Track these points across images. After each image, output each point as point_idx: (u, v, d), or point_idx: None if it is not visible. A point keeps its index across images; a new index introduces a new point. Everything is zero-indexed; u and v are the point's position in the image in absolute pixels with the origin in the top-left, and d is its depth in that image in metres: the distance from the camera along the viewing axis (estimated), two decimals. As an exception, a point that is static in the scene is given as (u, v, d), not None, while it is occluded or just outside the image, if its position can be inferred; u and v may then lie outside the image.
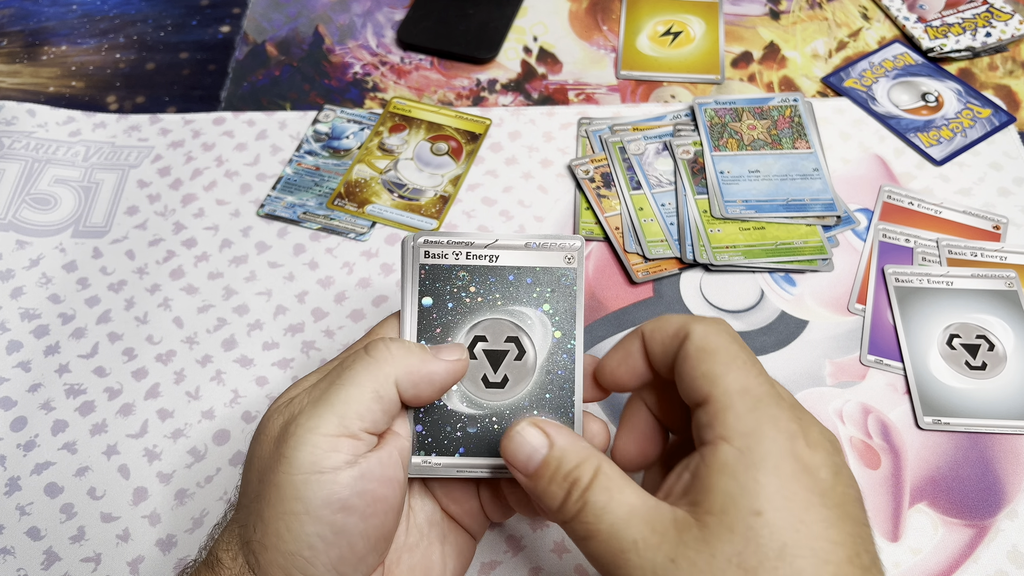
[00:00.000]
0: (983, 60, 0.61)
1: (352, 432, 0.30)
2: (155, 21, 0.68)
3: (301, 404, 0.31)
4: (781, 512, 0.26)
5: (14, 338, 0.50)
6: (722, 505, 0.26)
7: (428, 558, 0.35)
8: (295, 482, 0.29)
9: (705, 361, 0.29)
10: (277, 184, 0.56)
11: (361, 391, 0.30)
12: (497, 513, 0.36)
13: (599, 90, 0.61)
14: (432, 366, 0.32)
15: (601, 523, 0.28)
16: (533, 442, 0.30)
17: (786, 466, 0.26)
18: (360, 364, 0.31)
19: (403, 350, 0.32)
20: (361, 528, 0.30)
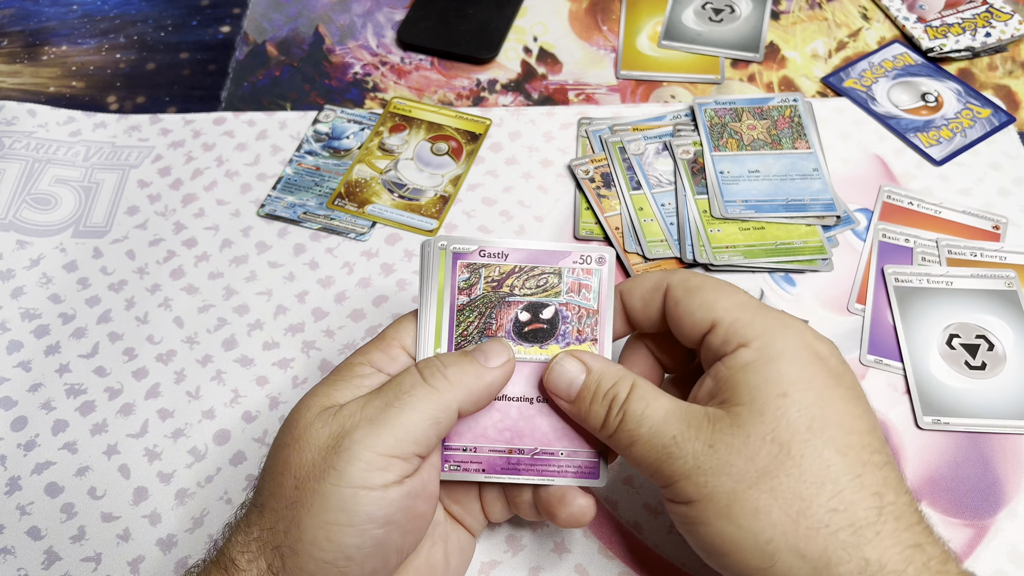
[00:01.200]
0: (983, 60, 0.61)
1: (405, 455, 0.30)
2: (155, 21, 0.68)
3: (353, 419, 0.31)
4: (805, 392, 0.29)
5: (14, 338, 0.50)
6: (750, 395, 0.29)
7: (432, 557, 0.35)
8: (343, 494, 0.29)
9: (696, 296, 0.32)
10: (277, 184, 0.56)
11: (422, 417, 0.31)
12: (497, 514, 0.37)
13: (599, 90, 0.61)
14: (488, 378, 0.33)
15: (641, 428, 0.30)
16: (571, 370, 0.33)
17: (802, 355, 0.30)
18: (420, 392, 0.31)
19: (459, 373, 0.32)
20: (399, 543, 0.31)
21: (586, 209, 0.53)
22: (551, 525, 0.42)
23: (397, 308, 0.50)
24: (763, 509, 0.28)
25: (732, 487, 0.28)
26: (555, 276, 0.35)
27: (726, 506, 0.28)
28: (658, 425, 0.30)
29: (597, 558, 0.41)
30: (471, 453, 0.35)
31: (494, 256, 0.35)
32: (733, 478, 0.28)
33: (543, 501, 0.34)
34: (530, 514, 0.36)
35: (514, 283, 0.35)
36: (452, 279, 0.35)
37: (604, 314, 0.35)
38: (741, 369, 0.30)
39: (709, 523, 0.29)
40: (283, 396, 0.47)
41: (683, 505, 0.30)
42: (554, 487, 0.34)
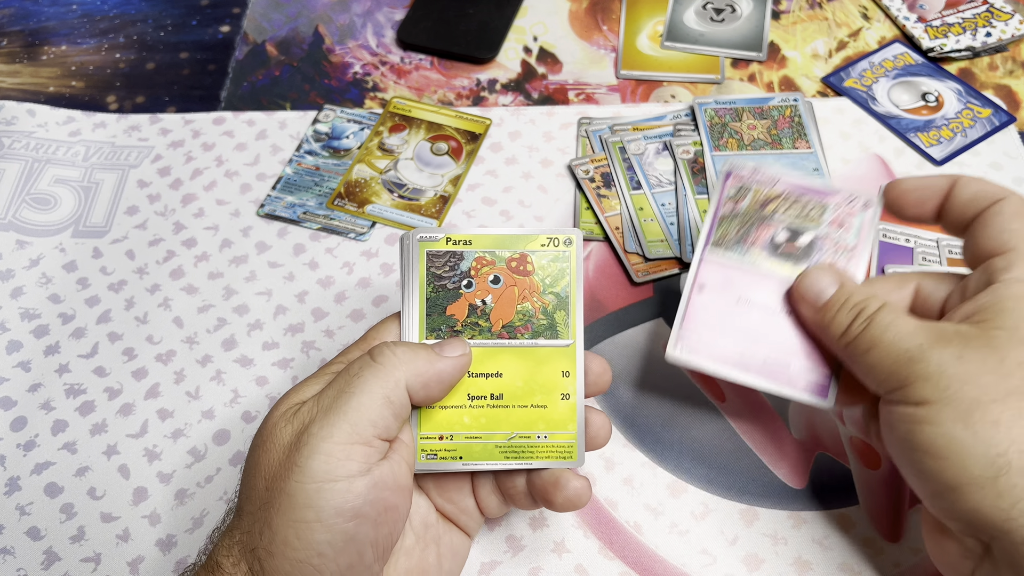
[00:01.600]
0: (983, 60, 0.61)
1: (365, 439, 0.30)
2: (155, 21, 0.68)
3: (311, 413, 0.31)
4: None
5: (14, 338, 0.50)
6: (1015, 322, 0.29)
7: (424, 560, 0.35)
8: (307, 490, 0.29)
9: (1019, 221, 0.32)
10: (277, 184, 0.56)
11: (371, 397, 0.31)
12: (493, 508, 0.37)
13: (599, 90, 0.61)
14: (440, 364, 0.33)
15: (886, 333, 0.31)
16: (824, 280, 0.35)
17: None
18: (368, 371, 0.31)
19: (409, 353, 0.32)
20: (372, 536, 0.31)
21: (586, 209, 0.53)
22: (550, 524, 0.42)
23: (397, 308, 0.50)
24: (1004, 423, 0.28)
25: (977, 396, 0.28)
26: (819, 209, 0.37)
27: (966, 411, 0.28)
28: (904, 334, 0.31)
29: (597, 558, 0.41)
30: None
31: (764, 182, 0.37)
32: (980, 388, 0.28)
33: (538, 487, 0.34)
34: (526, 504, 0.36)
35: (779, 206, 0.37)
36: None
37: (861, 253, 0.36)
38: (1011, 298, 0.30)
39: (939, 424, 0.29)
40: (283, 396, 0.47)
41: (912, 406, 0.29)
42: (547, 471, 0.34)
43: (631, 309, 0.49)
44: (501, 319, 0.35)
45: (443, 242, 0.35)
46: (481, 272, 0.35)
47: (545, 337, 0.35)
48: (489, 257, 0.35)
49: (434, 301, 0.35)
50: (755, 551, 0.40)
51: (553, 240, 0.35)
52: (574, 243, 0.35)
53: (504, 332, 0.35)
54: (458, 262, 0.35)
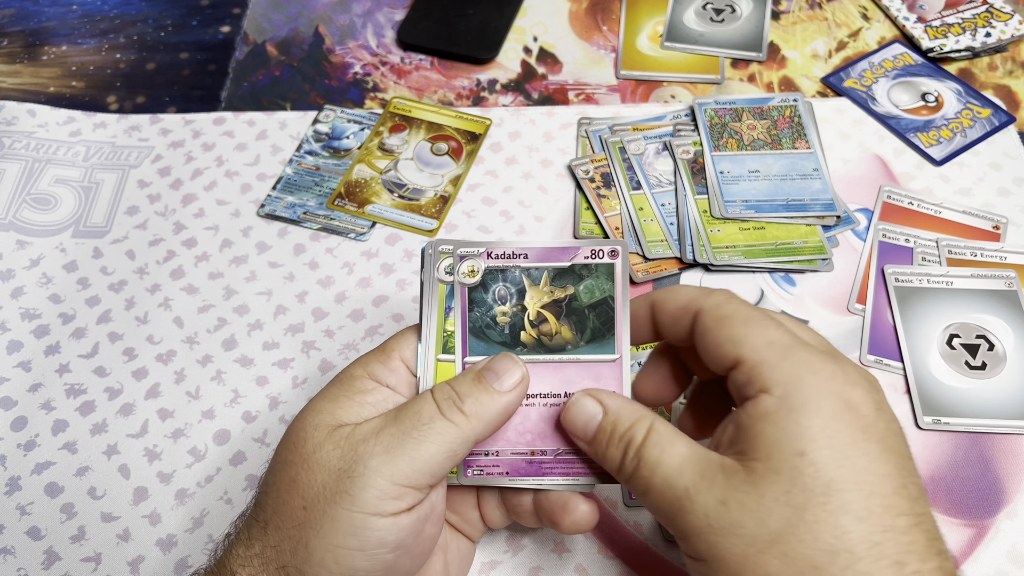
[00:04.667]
0: (983, 60, 0.61)
1: (420, 486, 0.30)
2: (155, 21, 0.68)
3: (368, 445, 0.30)
4: (825, 450, 0.26)
5: (14, 338, 0.50)
6: (767, 451, 0.27)
7: (432, 567, 0.35)
8: (355, 519, 0.29)
9: (725, 328, 0.30)
10: (277, 184, 0.56)
11: (439, 451, 0.30)
12: (497, 521, 0.37)
13: (599, 90, 0.61)
14: (503, 403, 0.32)
15: (655, 476, 0.29)
16: (589, 410, 0.32)
17: (827, 405, 0.27)
18: (439, 426, 0.31)
19: (475, 405, 0.32)
20: (408, 566, 0.31)
21: (586, 209, 0.53)
22: (551, 525, 0.42)
23: (397, 308, 0.50)
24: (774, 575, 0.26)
25: (743, 550, 0.27)
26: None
27: (736, 569, 0.27)
28: (672, 475, 0.29)
29: (597, 558, 0.41)
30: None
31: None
32: (744, 540, 0.27)
33: (544, 508, 0.34)
34: (531, 521, 0.35)
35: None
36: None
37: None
38: (760, 419, 0.28)
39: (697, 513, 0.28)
40: (283, 396, 0.47)
41: (696, 561, 0.28)
42: (555, 493, 0.34)
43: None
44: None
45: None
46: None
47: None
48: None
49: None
50: (755, 551, 0.40)
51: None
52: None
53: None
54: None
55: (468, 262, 0.34)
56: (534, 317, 0.34)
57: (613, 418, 0.31)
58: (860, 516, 0.26)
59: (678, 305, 0.32)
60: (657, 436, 0.30)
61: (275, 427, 0.46)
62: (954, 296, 0.48)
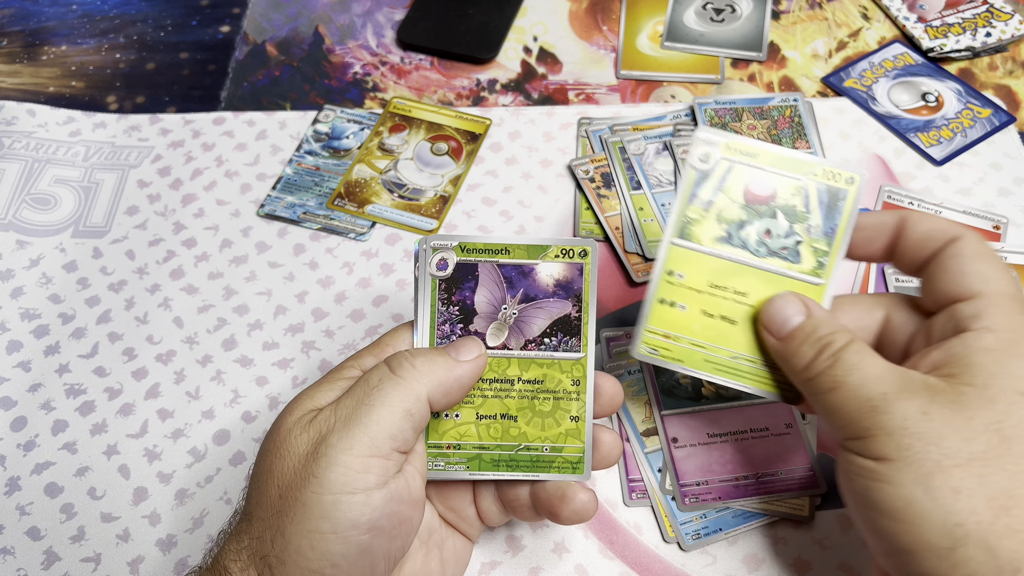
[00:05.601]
0: (983, 60, 0.61)
1: (384, 453, 0.30)
2: (155, 21, 0.68)
3: (329, 422, 0.31)
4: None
5: (14, 338, 0.50)
6: (985, 380, 0.28)
7: (428, 565, 0.35)
8: (324, 502, 0.29)
9: (980, 263, 0.31)
10: (277, 184, 0.56)
11: (392, 411, 0.30)
12: (494, 518, 0.37)
13: (599, 90, 0.61)
14: (458, 371, 0.32)
15: (851, 375, 0.29)
16: (791, 308, 0.33)
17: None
18: (388, 383, 0.31)
19: (428, 363, 0.32)
20: (385, 549, 0.31)
21: (586, 209, 0.53)
22: (551, 525, 0.42)
23: (397, 308, 0.50)
24: (965, 491, 0.26)
25: (938, 459, 0.27)
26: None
27: (927, 474, 0.27)
28: (870, 378, 0.29)
29: (597, 558, 0.41)
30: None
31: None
32: (942, 450, 0.27)
33: (543, 501, 0.34)
34: (528, 515, 0.36)
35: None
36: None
37: None
38: (982, 351, 0.28)
39: (899, 485, 0.27)
40: (283, 396, 0.47)
41: (872, 460, 0.28)
42: (552, 483, 0.34)
43: (631, 309, 0.49)
44: None
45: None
46: None
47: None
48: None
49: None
50: (755, 551, 0.40)
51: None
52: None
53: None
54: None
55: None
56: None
57: (816, 322, 0.32)
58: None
59: (935, 226, 0.32)
60: (859, 346, 0.30)
61: (275, 427, 0.46)
62: (954, 296, 0.48)
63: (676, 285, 0.35)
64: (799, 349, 0.32)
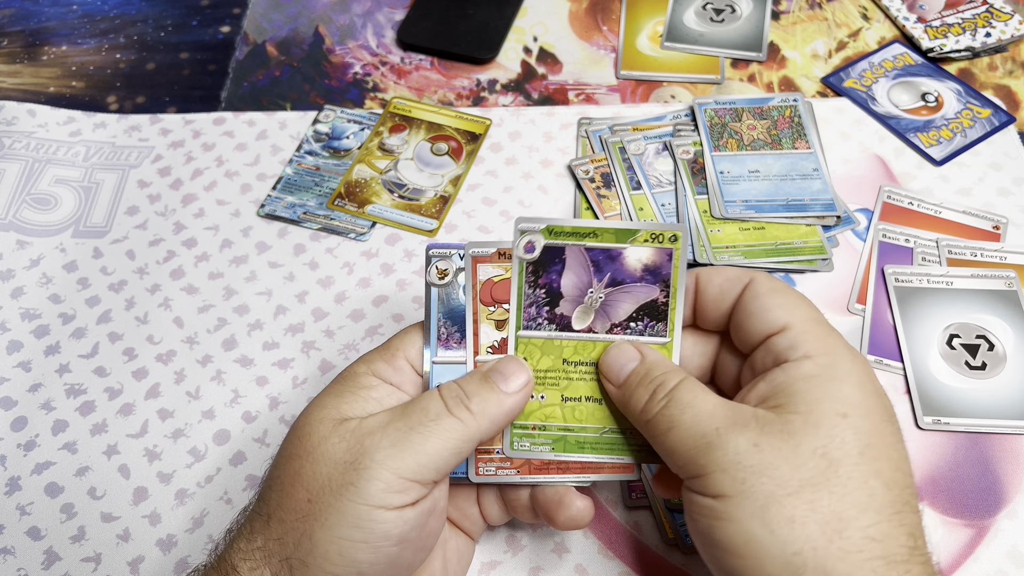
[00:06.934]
0: (983, 60, 0.61)
1: (425, 481, 0.31)
2: (155, 21, 0.68)
3: (374, 438, 0.31)
4: (865, 419, 0.29)
5: (14, 338, 0.50)
6: (807, 407, 0.29)
7: (431, 564, 0.35)
8: (359, 512, 0.29)
9: (777, 297, 0.32)
10: (277, 184, 0.56)
11: (445, 447, 0.31)
12: (495, 517, 0.37)
13: (599, 90, 0.61)
14: (508, 404, 0.33)
15: (684, 414, 0.30)
16: (627, 354, 0.33)
17: (865, 384, 0.30)
18: (447, 422, 0.31)
19: (481, 403, 0.32)
20: (410, 560, 0.32)
21: (586, 209, 0.53)
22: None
23: (397, 308, 0.50)
24: (799, 519, 0.27)
25: (772, 490, 0.27)
26: None
27: (762, 507, 0.27)
28: (703, 415, 0.30)
29: (597, 558, 0.41)
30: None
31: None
32: (774, 481, 0.27)
33: (541, 504, 0.34)
34: (528, 516, 0.36)
35: None
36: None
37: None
38: (803, 379, 0.29)
39: (738, 521, 0.28)
40: (283, 396, 0.47)
41: (711, 499, 0.29)
42: (551, 488, 0.34)
43: (631, 309, 0.49)
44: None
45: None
46: None
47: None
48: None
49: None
50: (755, 551, 0.40)
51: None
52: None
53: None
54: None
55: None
56: None
57: (649, 365, 0.32)
58: (888, 484, 0.28)
59: (726, 277, 0.33)
60: (691, 383, 0.31)
61: (275, 427, 0.46)
62: (954, 296, 0.48)
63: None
64: (635, 392, 0.32)
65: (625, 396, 0.33)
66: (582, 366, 0.34)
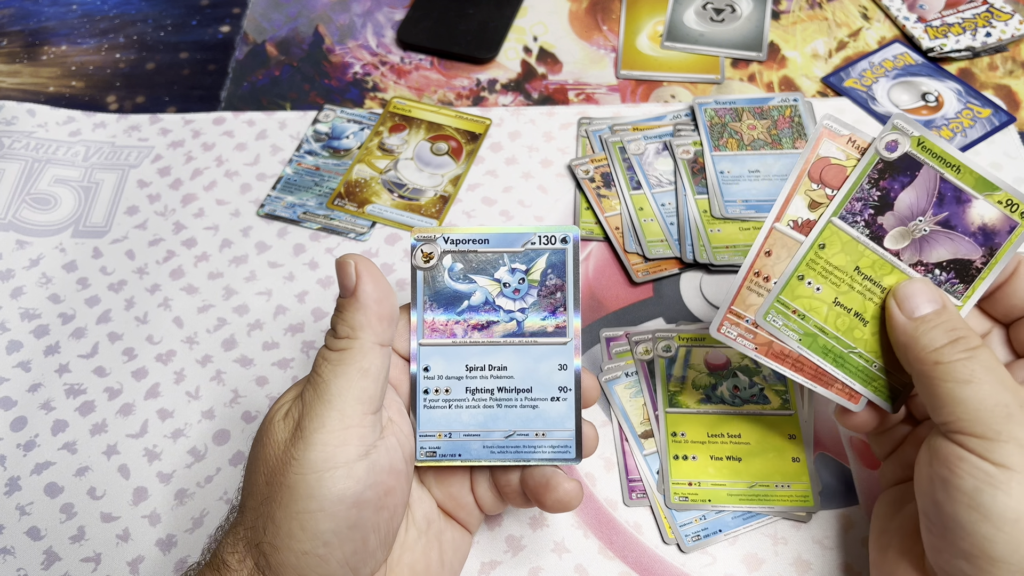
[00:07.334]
0: (983, 60, 0.61)
1: (356, 420, 0.31)
2: (155, 21, 0.68)
3: (299, 409, 0.31)
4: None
5: (14, 338, 0.50)
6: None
7: (427, 555, 0.35)
8: (308, 481, 0.30)
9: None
10: (277, 184, 0.56)
11: (347, 377, 0.31)
12: (490, 505, 0.37)
13: (599, 90, 0.61)
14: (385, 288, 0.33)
15: (989, 374, 0.29)
16: (932, 294, 0.32)
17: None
18: (343, 354, 0.32)
19: (357, 314, 0.32)
20: (373, 521, 0.31)
21: (586, 209, 0.53)
22: (550, 524, 0.42)
23: (397, 308, 0.50)
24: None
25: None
26: None
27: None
28: (1007, 383, 0.29)
29: (597, 558, 0.41)
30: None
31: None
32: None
33: (530, 487, 0.35)
34: (519, 501, 0.36)
35: None
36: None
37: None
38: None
39: (1016, 497, 0.28)
40: (283, 396, 0.47)
41: (992, 464, 0.28)
42: (539, 471, 0.34)
43: (631, 309, 0.49)
44: None
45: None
46: None
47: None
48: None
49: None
50: (755, 551, 0.40)
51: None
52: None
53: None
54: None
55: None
56: None
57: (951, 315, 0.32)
58: None
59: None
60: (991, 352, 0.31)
61: (275, 427, 0.46)
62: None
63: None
64: (931, 331, 0.31)
65: (918, 331, 0.32)
66: (869, 282, 0.34)
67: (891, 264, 0.34)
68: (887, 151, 0.33)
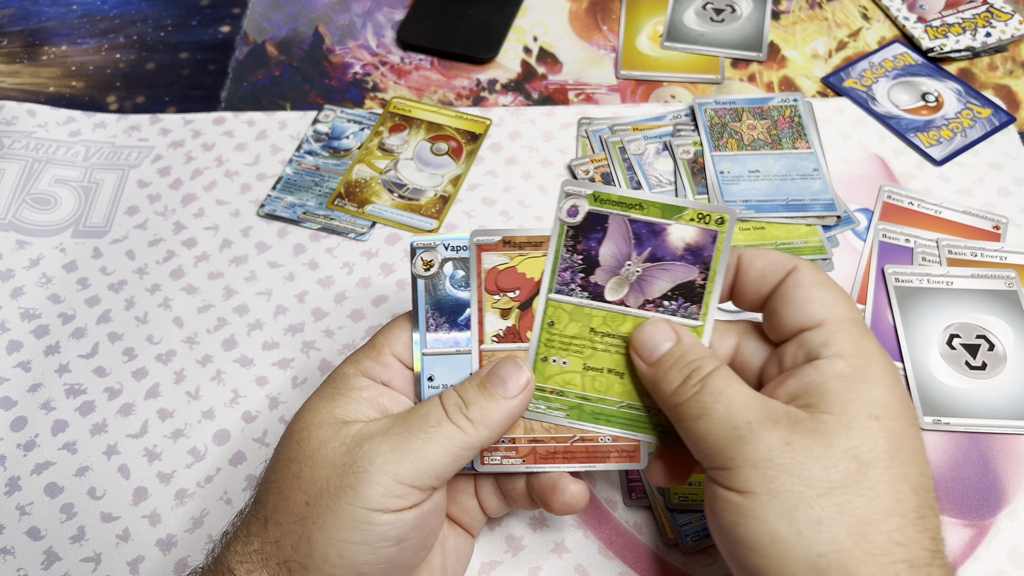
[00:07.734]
0: (983, 60, 0.61)
1: (424, 487, 0.31)
2: (155, 21, 0.68)
3: (374, 443, 0.31)
4: (895, 422, 0.28)
5: (14, 338, 0.50)
6: (840, 407, 0.28)
7: (431, 561, 0.35)
8: (357, 514, 0.29)
9: (819, 291, 0.31)
10: (277, 184, 0.56)
11: (445, 453, 0.31)
12: (494, 508, 0.37)
13: (599, 90, 0.61)
14: (507, 407, 0.32)
15: (718, 403, 0.29)
16: (661, 333, 0.33)
17: (895, 387, 0.29)
18: (447, 429, 0.31)
19: (481, 412, 0.32)
20: (410, 560, 0.32)
21: (586, 209, 0.53)
22: (551, 525, 0.42)
23: (397, 308, 0.50)
24: (826, 521, 0.27)
25: (801, 491, 0.27)
26: None
27: (790, 508, 0.27)
28: (736, 406, 0.29)
29: (597, 558, 0.41)
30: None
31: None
32: (804, 482, 0.27)
33: (536, 490, 0.35)
34: (525, 504, 0.36)
35: None
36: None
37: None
38: (836, 379, 0.29)
39: (764, 520, 0.27)
40: (283, 396, 0.47)
41: (737, 494, 0.28)
42: (545, 475, 0.34)
43: (631, 309, 0.49)
44: None
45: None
46: None
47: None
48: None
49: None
50: (755, 551, 0.40)
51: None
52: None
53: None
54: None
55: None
56: None
57: (684, 348, 0.32)
58: (915, 489, 0.28)
59: (771, 260, 0.33)
60: (726, 372, 0.31)
61: (275, 427, 0.46)
62: (954, 296, 0.48)
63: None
64: (667, 374, 0.31)
65: (657, 376, 0.32)
66: (609, 338, 0.34)
67: (622, 314, 0.34)
68: (570, 217, 0.34)
